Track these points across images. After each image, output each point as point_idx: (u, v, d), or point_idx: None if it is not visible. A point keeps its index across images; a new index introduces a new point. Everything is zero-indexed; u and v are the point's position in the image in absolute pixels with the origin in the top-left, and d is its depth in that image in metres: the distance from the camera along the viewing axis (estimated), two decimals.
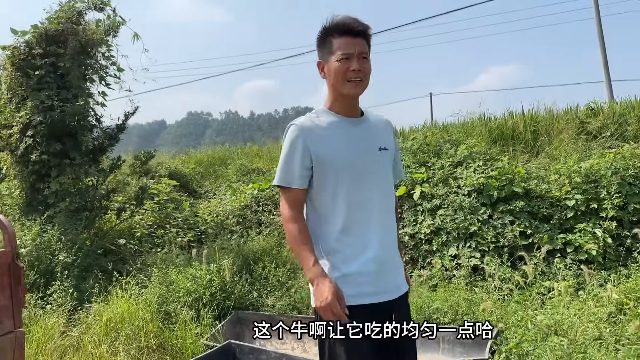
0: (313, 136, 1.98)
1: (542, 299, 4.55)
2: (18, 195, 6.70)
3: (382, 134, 2.11)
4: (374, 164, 2.03)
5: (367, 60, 2.00)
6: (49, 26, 6.47)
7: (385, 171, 2.08)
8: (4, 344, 2.66)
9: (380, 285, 1.97)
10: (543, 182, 5.81)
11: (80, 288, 5.43)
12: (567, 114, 7.90)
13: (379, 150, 2.05)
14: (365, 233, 1.98)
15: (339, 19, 2.00)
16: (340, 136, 2.00)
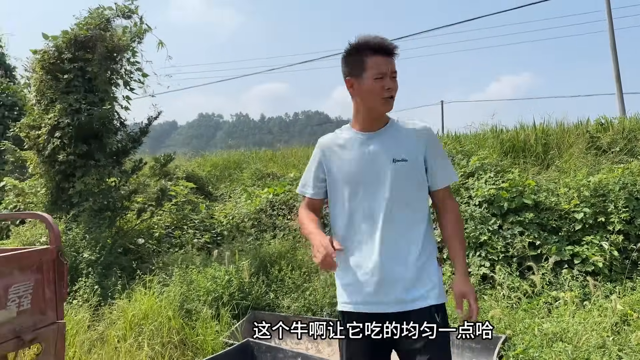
0: (328, 151, 2.20)
1: (549, 308, 4.71)
2: (43, 193, 6.97)
3: (402, 144, 2.09)
4: (384, 176, 2.06)
5: (396, 79, 2.08)
6: (79, 32, 6.74)
7: (400, 182, 2.06)
8: (48, 334, 2.88)
9: (377, 296, 2.05)
10: (552, 195, 5.95)
11: (102, 285, 5.68)
12: (577, 128, 8.05)
13: (393, 162, 2.06)
14: (366, 244, 2.08)
15: (370, 37, 2.07)
16: (351, 151, 2.13)
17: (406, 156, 2.06)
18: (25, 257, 2.79)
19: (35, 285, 2.83)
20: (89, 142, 6.72)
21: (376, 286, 2.05)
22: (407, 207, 2.08)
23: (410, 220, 2.09)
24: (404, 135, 2.11)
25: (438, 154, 2.14)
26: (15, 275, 2.70)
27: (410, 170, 2.07)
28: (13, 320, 2.66)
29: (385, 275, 2.04)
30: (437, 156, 2.13)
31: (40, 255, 2.88)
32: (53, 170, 6.73)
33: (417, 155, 2.09)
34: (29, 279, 2.79)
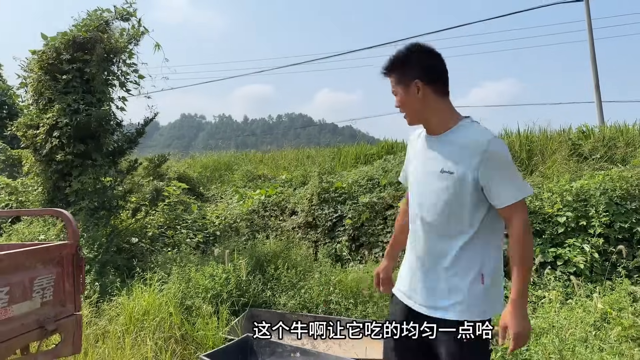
0: (411, 145, 2.33)
1: (534, 306, 4.96)
2: (40, 192, 7.03)
3: (455, 155, 2.01)
4: (431, 185, 2.07)
5: (397, 95, 2.10)
6: (77, 33, 6.83)
7: (444, 194, 2.03)
8: (68, 324, 3.01)
9: (408, 291, 2.24)
10: (537, 199, 6.23)
11: (100, 282, 5.78)
12: (560, 136, 8.38)
13: (441, 172, 2.03)
14: (411, 243, 2.24)
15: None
16: (417, 150, 2.22)
17: (452, 169, 2.00)
18: (48, 251, 2.93)
19: (57, 278, 2.96)
20: (86, 142, 6.81)
21: (410, 283, 2.23)
22: (443, 218, 2.05)
23: (444, 231, 2.07)
24: (461, 146, 2.01)
25: (495, 172, 1.96)
26: (38, 268, 2.84)
27: (452, 183, 2.00)
28: (37, 311, 2.80)
29: (417, 277, 2.18)
30: (495, 174, 1.96)
31: (61, 250, 3.02)
32: (50, 170, 6.80)
33: (467, 170, 1.98)
34: (51, 272, 2.93)
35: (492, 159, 1.96)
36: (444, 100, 2.09)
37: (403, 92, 2.07)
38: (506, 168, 2.00)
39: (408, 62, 2.06)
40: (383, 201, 7.06)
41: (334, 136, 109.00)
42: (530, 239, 2.02)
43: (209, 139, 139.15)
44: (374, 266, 6.03)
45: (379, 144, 11.86)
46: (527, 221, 2.02)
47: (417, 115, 2.11)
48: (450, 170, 2.00)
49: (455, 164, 2.00)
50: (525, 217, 2.01)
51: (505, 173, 1.98)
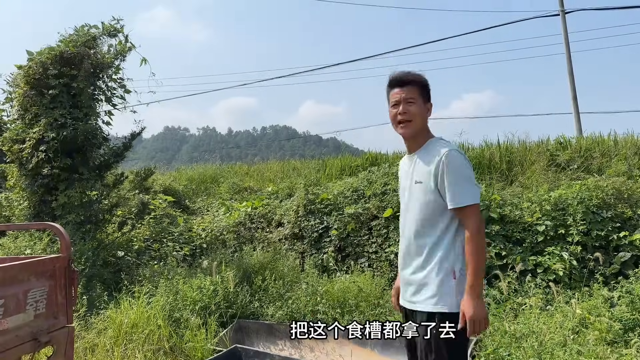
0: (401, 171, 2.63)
1: (515, 313, 5.11)
2: (26, 206, 7.02)
3: (424, 167, 2.34)
4: (411, 196, 2.41)
5: (413, 104, 2.35)
6: (65, 48, 6.88)
7: (418, 202, 2.35)
8: (60, 337, 3.06)
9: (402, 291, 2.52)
10: (517, 209, 6.42)
11: (87, 296, 5.78)
12: (538, 147, 8.63)
13: (415, 183, 2.37)
14: (400, 251, 2.54)
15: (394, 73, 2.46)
16: (400, 170, 2.60)
17: (421, 179, 2.34)
18: (41, 264, 2.98)
19: (49, 290, 3.01)
20: (72, 156, 6.83)
21: (401, 284, 2.52)
22: (417, 223, 2.36)
23: (419, 234, 2.36)
24: (428, 159, 2.33)
25: (448, 179, 2.23)
26: (32, 281, 2.89)
27: (422, 191, 2.33)
28: (31, 323, 2.85)
29: (402, 277, 2.50)
30: (447, 180, 2.24)
31: (54, 263, 3.07)
32: (36, 184, 6.80)
33: (430, 178, 2.29)
34: (44, 285, 2.98)
35: (446, 166, 2.24)
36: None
37: (422, 105, 2.39)
38: (458, 174, 2.25)
39: (427, 85, 2.43)
40: (368, 212, 7.19)
41: (318, 148, 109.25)
42: (479, 239, 2.22)
43: (193, 151, 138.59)
44: (360, 276, 6.14)
45: (364, 156, 12.01)
46: (478, 223, 2.23)
47: (419, 129, 2.40)
48: (419, 180, 2.35)
49: (423, 175, 2.33)
50: (476, 220, 2.23)
51: (456, 178, 2.24)
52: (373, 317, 5.27)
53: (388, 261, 6.57)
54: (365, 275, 6.18)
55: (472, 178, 2.30)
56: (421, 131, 2.41)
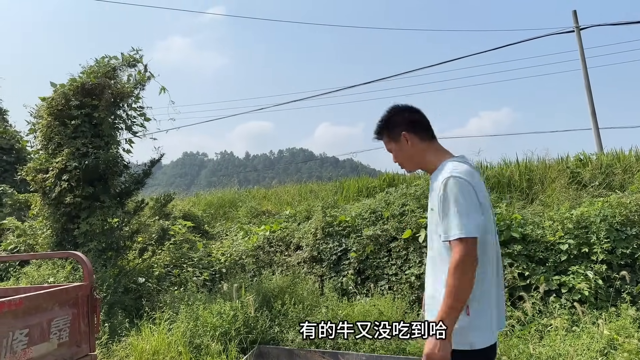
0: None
1: (540, 335, 4.99)
2: (49, 234, 7.14)
3: (433, 194, 2.29)
4: (430, 222, 2.36)
5: (393, 150, 2.44)
6: (86, 79, 7.07)
7: (432, 228, 2.32)
8: None
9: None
10: (538, 228, 6.32)
11: (109, 323, 5.82)
12: (558, 164, 8.53)
13: (430, 210, 2.33)
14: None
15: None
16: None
17: (432, 206, 2.29)
18: (65, 293, 3.02)
19: (72, 319, 3.05)
20: (94, 185, 6.96)
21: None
22: (432, 250, 2.32)
23: (433, 261, 2.31)
24: (435, 185, 2.28)
25: (442, 210, 2.16)
26: (55, 310, 2.93)
27: (434, 219, 2.27)
28: (54, 352, 2.88)
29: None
30: (442, 209, 2.16)
31: (77, 291, 3.11)
32: (59, 212, 6.93)
33: (435, 204, 2.24)
34: (67, 313, 3.02)
35: (442, 195, 2.16)
36: (430, 143, 2.40)
37: (396, 146, 2.42)
38: (450, 205, 2.13)
39: (393, 121, 2.42)
40: (387, 233, 7.15)
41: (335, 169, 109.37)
42: (460, 275, 2.05)
43: (211, 176, 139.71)
44: (380, 299, 6.08)
45: (381, 177, 12.00)
46: (458, 259, 2.06)
47: (412, 161, 2.43)
48: (432, 207, 2.30)
49: (433, 201, 2.28)
50: (457, 255, 2.07)
51: (447, 209, 2.13)
52: (395, 341, 5.19)
53: (408, 283, 6.50)
54: (385, 298, 6.12)
55: (465, 208, 2.11)
56: (421, 163, 2.42)
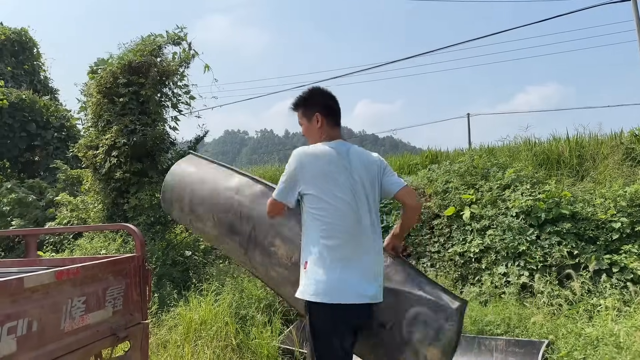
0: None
1: (589, 315, 4.86)
2: (100, 209, 7.42)
3: None
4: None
5: (303, 125, 2.73)
6: (133, 58, 7.22)
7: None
8: (136, 332, 3.21)
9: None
10: (589, 205, 6.10)
11: (158, 294, 6.04)
12: (612, 140, 8.17)
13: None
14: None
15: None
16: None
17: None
18: (118, 263, 3.14)
19: (126, 288, 3.17)
20: (142, 161, 7.16)
21: None
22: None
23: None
24: None
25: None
26: (110, 279, 3.05)
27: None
28: (109, 319, 3.00)
29: None
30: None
31: (130, 262, 3.23)
32: (109, 187, 7.18)
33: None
34: (121, 283, 3.13)
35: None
36: (332, 129, 2.67)
37: (307, 123, 2.69)
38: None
39: (311, 101, 2.69)
40: (429, 210, 7.07)
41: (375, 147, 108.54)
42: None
43: (252, 153, 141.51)
44: None
45: (423, 154, 11.83)
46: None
47: (314, 140, 2.66)
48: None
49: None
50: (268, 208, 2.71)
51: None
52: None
53: (452, 261, 6.43)
54: (428, 275, 6.08)
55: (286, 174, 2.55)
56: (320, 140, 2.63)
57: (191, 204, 3.40)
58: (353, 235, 2.42)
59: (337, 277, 2.35)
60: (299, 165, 2.50)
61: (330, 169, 2.46)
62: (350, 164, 2.50)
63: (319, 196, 2.43)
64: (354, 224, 2.43)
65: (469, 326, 4.94)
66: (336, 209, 2.41)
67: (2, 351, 2.22)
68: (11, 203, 9.48)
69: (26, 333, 2.35)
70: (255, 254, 3.00)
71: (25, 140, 12.87)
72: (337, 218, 2.41)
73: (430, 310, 2.50)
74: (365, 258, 2.42)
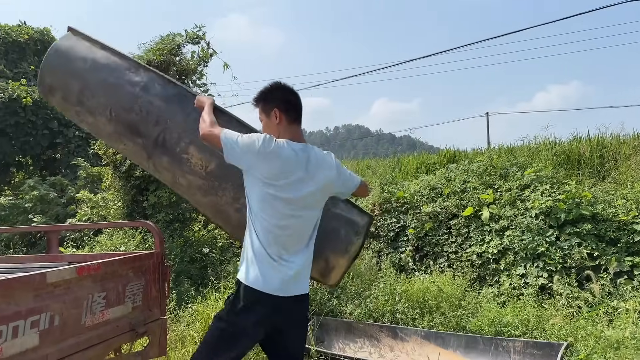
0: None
1: (609, 317, 4.79)
2: (120, 206, 7.53)
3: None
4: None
5: (262, 121, 2.57)
6: (152, 57, 7.30)
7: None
8: (155, 328, 3.26)
9: None
10: (610, 207, 6.00)
11: (176, 290, 6.11)
12: (634, 140, 8.02)
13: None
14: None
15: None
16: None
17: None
18: (138, 259, 3.19)
19: (145, 284, 3.22)
20: None
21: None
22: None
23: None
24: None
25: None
26: (130, 275, 3.10)
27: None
28: (129, 315, 3.05)
29: None
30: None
31: (149, 259, 3.28)
32: (129, 185, 7.28)
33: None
34: (141, 280, 3.18)
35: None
36: (291, 126, 2.51)
37: (266, 119, 2.54)
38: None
39: (270, 96, 2.54)
40: (447, 210, 7.02)
41: (391, 146, 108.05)
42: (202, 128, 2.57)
43: None
44: (439, 276, 6.02)
45: (440, 153, 11.75)
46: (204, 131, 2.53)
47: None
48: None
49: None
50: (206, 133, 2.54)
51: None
52: (455, 318, 5.15)
53: (469, 261, 6.38)
54: (445, 275, 6.05)
55: (246, 143, 2.37)
56: (279, 136, 2.47)
57: (80, 94, 3.02)
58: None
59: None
60: (260, 152, 2.34)
61: (285, 171, 2.36)
62: (307, 171, 2.41)
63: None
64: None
65: (486, 327, 4.91)
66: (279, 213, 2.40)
67: (25, 344, 2.27)
68: (33, 200, 9.68)
69: (48, 327, 2.40)
70: (163, 159, 2.86)
71: (47, 137, 13.12)
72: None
73: (344, 227, 2.78)
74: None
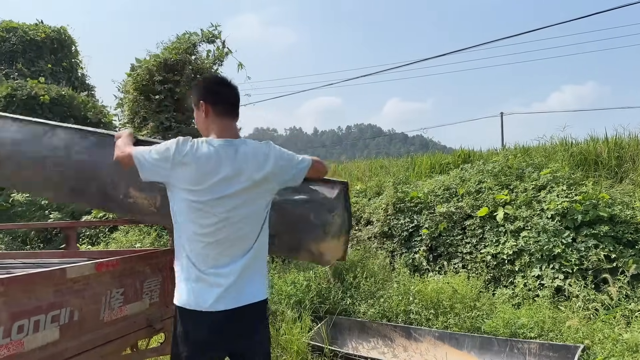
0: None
1: (627, 320, 4.73)
2: None
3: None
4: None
5: (195, 113, 2.38)
6: (168, 55, 7.36)
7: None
8: (170, 325, 3.28)
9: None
10: (628, 208, 5.92)
11: None
12: None
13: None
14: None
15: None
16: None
17: None
18: (155, 256, 3.22)
19: (162, 281, 3.24)
20: None
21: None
22: None
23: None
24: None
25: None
26: (147, 272, 3.13)
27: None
28: (146, 311, 3.08)
29: None
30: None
31: (166, 256, 3.30)
32: None
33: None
34: (158, 276, 3.21)
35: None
36: (223, 120, 2.26)
37: (196, 112, 2.36)
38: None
39: (200, 88, 2.34)
40: (461, 211, 6.98)
41: (404, 146, 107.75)
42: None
43: None
44: (454, 277, 5.99)
45: (455, 153, 11.67)
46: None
47: (202, 131, 2.33)
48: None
49: None
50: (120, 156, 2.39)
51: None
52: (469, 319, 5.12)
53: (484, 262, 6.33)
54: (459, 276, 6.01)
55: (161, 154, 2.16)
56: (208, 130, 2.27)
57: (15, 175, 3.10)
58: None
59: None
60: (175, 159, 2.12)
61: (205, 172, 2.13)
62: (235, 167, 2.14)
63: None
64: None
65: (502, 328, 4.87)
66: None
67: (46, 338, 2.30)
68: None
69: (68, 322, 2.43)
70: (116, 210, 2.90)
71: None
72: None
73: (312, 211, 2.46)
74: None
